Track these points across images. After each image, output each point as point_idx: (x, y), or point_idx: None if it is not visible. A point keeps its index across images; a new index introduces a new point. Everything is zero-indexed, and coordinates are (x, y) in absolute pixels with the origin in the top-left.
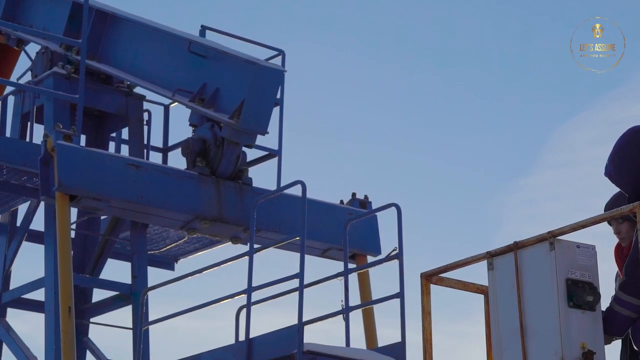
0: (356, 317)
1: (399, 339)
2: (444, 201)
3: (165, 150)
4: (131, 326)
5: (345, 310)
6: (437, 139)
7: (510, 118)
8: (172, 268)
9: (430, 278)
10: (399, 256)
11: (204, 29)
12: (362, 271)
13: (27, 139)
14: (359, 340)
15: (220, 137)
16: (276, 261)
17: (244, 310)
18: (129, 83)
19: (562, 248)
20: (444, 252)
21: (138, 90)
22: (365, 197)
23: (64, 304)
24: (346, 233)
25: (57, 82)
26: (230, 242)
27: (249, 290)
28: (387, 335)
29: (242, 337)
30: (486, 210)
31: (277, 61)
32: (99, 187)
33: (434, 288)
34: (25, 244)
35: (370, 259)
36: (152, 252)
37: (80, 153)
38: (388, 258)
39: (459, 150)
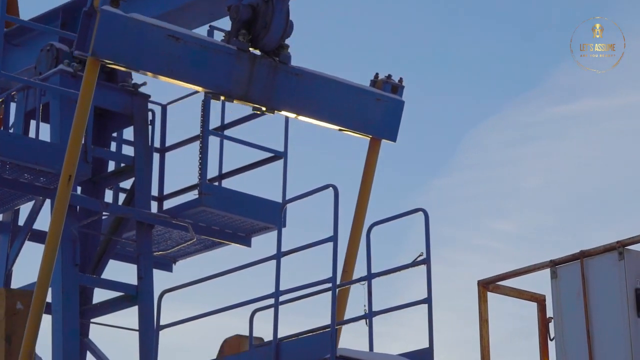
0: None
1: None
2: None
3: (162, 150)
4: (137, 328)
5: (369, 315)
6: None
7: (425, 118)
8: (170, 269)
9: (487, 286)
10: (426, 261)
11: (212, 29)
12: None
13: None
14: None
15: None
16: None
17: (258, 313)
18: (134, 82)
19: (632, 258)
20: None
21: (143, 89)
22: (400, 80)
23: (65, 172)
24: (369, 240)
25: (64, 79)
26: (232, 244)
27: (277, 294)
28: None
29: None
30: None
31: None
32: (130, 60)
33: None
34: (28, 244)
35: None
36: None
37: (122, 20)
38: (414, 263)
39: None
